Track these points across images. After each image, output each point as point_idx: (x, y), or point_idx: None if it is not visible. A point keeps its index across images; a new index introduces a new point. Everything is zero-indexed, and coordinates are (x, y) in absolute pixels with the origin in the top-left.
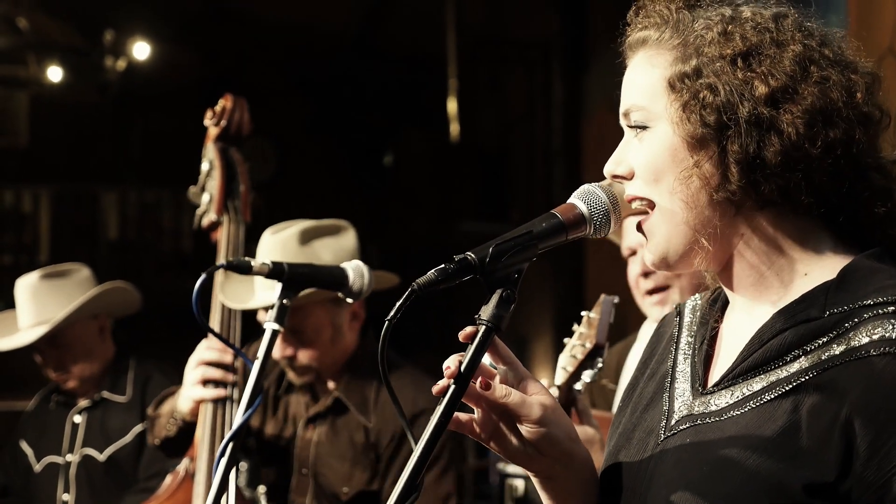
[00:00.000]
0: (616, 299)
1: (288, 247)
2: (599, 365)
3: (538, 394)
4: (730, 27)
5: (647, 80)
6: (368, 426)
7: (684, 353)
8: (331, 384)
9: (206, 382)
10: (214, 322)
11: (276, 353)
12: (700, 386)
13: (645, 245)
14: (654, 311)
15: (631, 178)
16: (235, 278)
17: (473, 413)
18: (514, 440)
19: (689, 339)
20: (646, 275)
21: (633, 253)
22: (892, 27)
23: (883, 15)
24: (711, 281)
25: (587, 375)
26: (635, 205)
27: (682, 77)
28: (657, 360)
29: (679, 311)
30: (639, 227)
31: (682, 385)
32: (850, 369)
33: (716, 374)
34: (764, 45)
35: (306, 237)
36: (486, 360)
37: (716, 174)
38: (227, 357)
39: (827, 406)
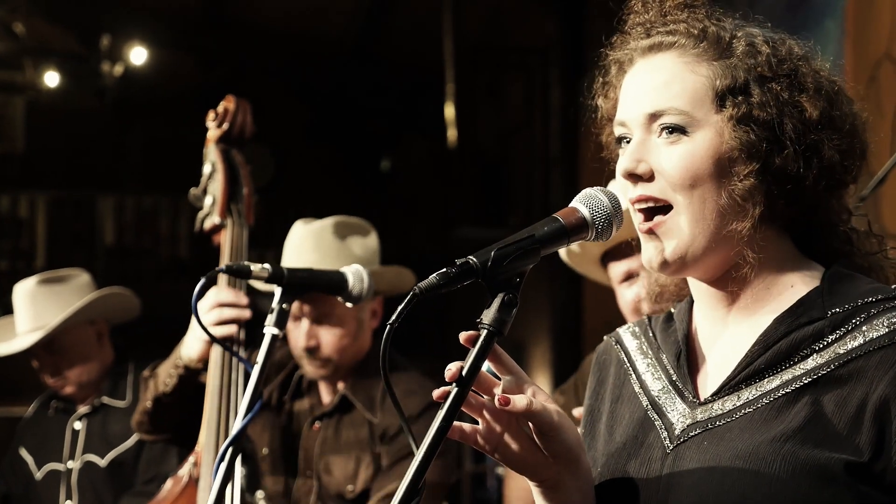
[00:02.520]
0: None
1: (323, 238)
2: None
3: (548, 400)
4: (779, 51)
5: (688, 86)
6: (374, 422)
7: (654, 376)
8: (340, 385)
9: (220, 325)
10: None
11: (301, 342)
12: (694, 398)
13: (655, 247)
14: None
15: (649, 179)
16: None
17: (473, 423)
18: (520, 449)
19: (650, 361)
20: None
21: (629, 277)
22: (888, 33)
23: (880, 21)
24: (654, 304)
25: None
26: (642, 205)
27: (734, 91)
28: (613, 384)
29: (617, 340)
30: (650, 231)
31: (671, 400)
32: (875, 358)
33: (709, 384)
34: (806, 73)
35: (340, 231)
36: (486, 366)
37: (758, 189)
38: (243, 299)
39: (852, 394)
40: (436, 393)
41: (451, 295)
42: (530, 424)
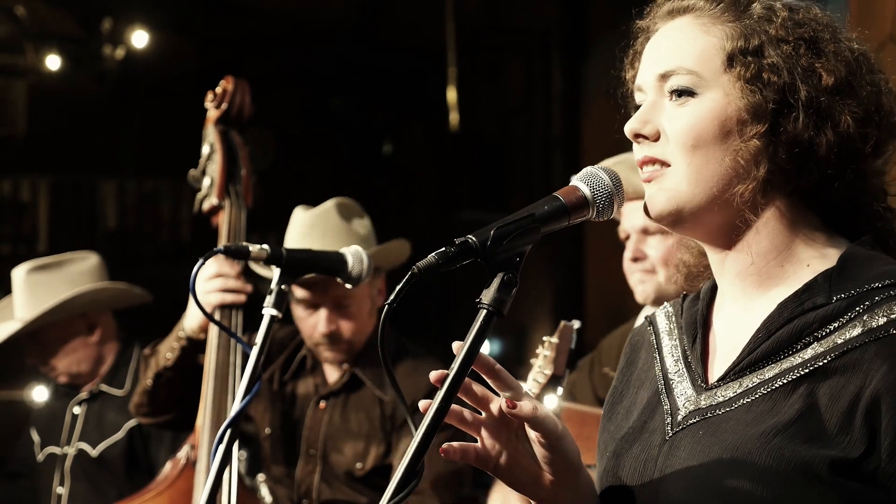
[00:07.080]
0: (577, 325)
1: (329, 220)
2: (559, 392)
3: (550, 413)
4: (797, 15)
5: (699, 46)
6: (385, 399)
7: (673, 357)
8: (344, 365)
9: (223, 292)
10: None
11: (322, 328)
12: (703, 382)
13: (652, 196)
14: (638, 289)
15: (655, 140)
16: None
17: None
18: (519, 466)
19: (674, 343)
20: (635, 259)
21: (629, 237)
22: (893, 14)
23: (885, 1)
24: (685, 282)
25: (550, 401)
26: (649, 168)
27: (745, 52)
28: (641, 369)
29: (651, 321)
30: (648, 181)
31: (682, 385)
32: (871, 350)
33: (716, 368)
34: (827, 39)
35: (344, 213)
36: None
37: (764, 152)
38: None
39: (847, 387)
40: (433, 375)
41: (456, 277)
42: (532, 435)
